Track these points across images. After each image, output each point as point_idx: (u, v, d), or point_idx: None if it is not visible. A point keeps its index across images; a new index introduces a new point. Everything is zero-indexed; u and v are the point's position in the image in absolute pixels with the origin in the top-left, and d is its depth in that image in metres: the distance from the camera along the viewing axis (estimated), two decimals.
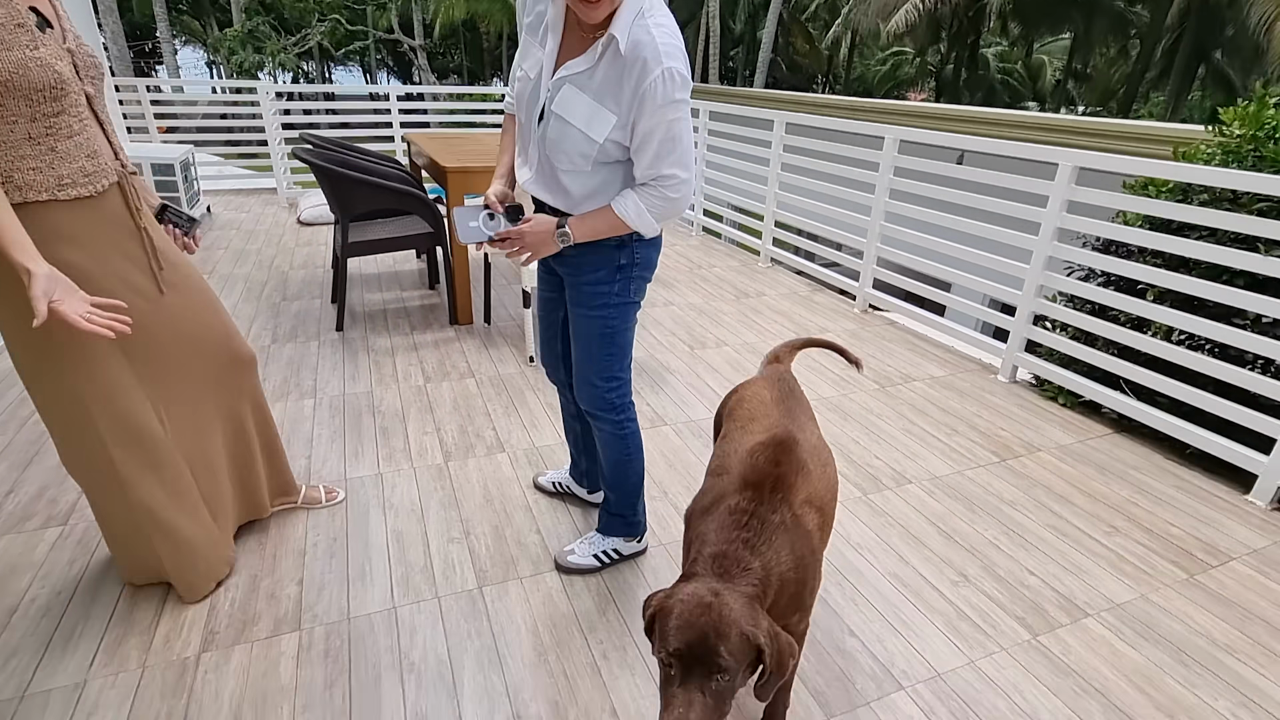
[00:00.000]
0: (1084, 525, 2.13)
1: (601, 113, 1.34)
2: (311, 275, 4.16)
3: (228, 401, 1.72)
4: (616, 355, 1.63)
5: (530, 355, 3.07)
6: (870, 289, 3.91)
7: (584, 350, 1.64)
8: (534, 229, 1.43)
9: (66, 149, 1.31)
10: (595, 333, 1.60)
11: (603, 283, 1.55)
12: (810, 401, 1.54)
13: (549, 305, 1.76)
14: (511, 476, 2.23)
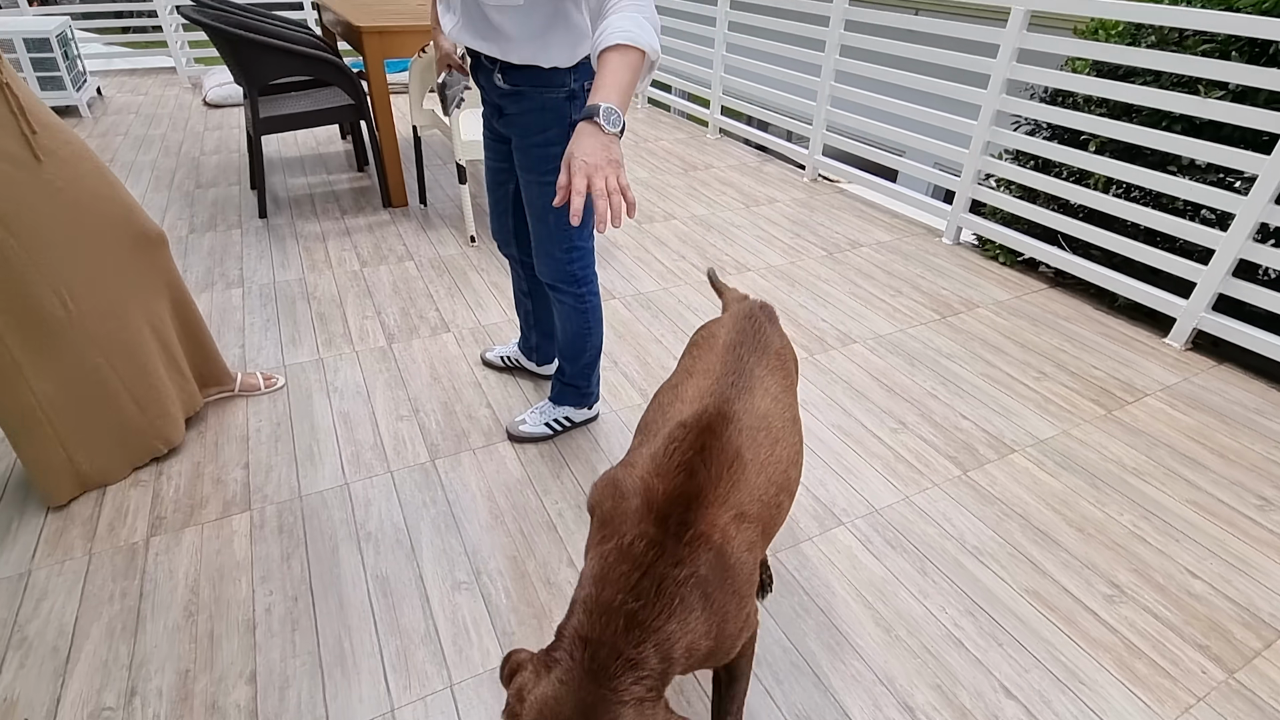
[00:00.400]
0: (1015, 372, 2.23)
1: None
2: (226, 160, 3.82)
3: (139, 284, 1.60)
4: (576, 225, 1.52)
5: (471, 235, 2.94)
6: (820, 156, 3.82)
7: (540, 221, 1.52)
8: (581, 149, 0.96)
9: None
10: (550, 201, 1.46)
11: (554, 143, 1.39)
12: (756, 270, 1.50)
13: (498, 175, 1.63)
14: (458, 354, 2.19)
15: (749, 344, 1.07)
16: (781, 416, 1.00)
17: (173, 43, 5.53)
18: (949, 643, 1.36)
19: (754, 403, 0.97)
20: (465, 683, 1.25)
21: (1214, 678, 1.31)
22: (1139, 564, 1.55)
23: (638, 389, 2.07)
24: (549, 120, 1.37)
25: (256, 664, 1.27)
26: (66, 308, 1.46)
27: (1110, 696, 1.27)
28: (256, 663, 1.27)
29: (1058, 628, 1.40)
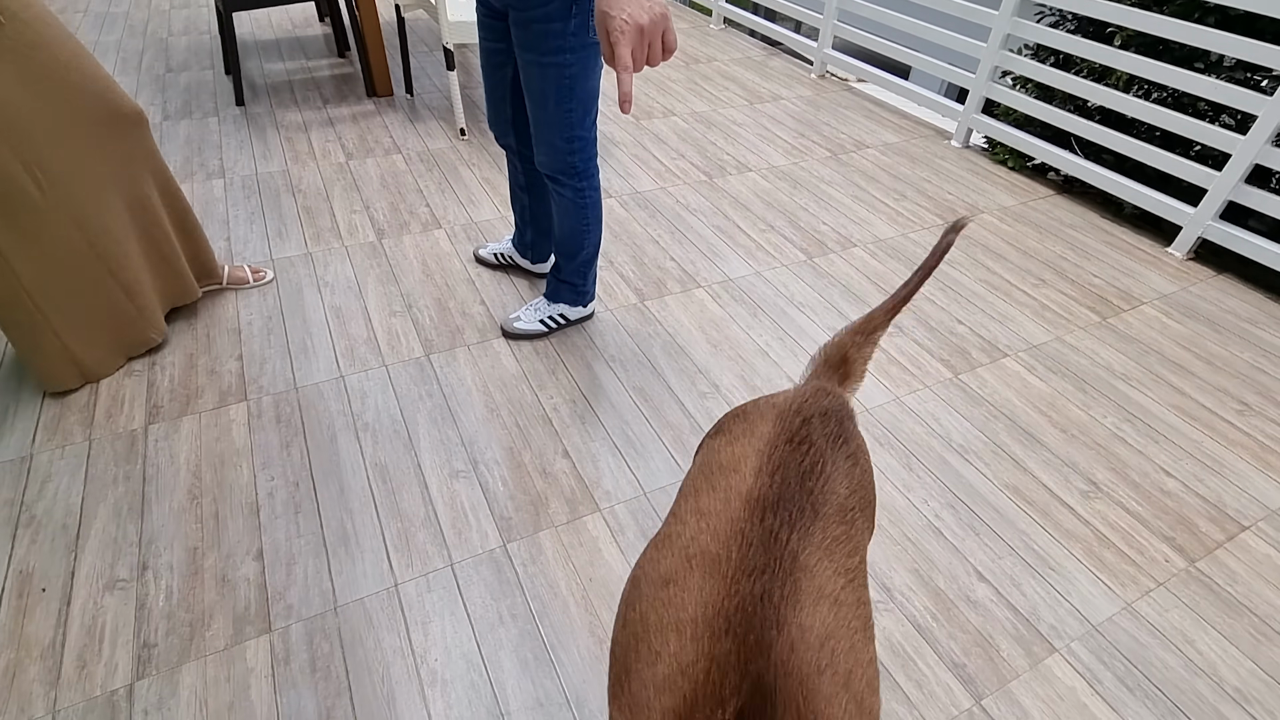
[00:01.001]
0: (1014, 279, 2.21)
1: None
2: (196, 42, 3.59)
3: (119, 166, 1.53)
4: (578, 111, 1.41)
5: (461, 128, 2.81)
6: (830, 50, 3.61)
7: (540, 107, 1.42)
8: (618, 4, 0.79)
9: None
10: (552, 85, 1.36)
11: (556, 19, 1.27)
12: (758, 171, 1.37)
13: (494, 57, 1.51)
14: (450, 251, 2.15)
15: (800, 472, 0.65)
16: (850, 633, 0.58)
17: None
18: (929, 532, 1.42)
19: (803, 619, 0.55)
20: (465, 562, 1.30)
21: (1176, 565, 1.39)
22: (1117, 463, 1.60)
23: (633, 289, 2.05)
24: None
25: (262, 543, 1.31)
26: (41, 188, 1.39)
27: (1077, 580, 1.34)
28: (262, 542, 1.31)
29: (1033, 519, 1.46)
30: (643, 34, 0.78)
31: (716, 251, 2.23)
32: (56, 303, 1.50)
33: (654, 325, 1.92)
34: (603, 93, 3.29)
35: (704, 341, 1.87)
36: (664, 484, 1.48)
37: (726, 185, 2.61)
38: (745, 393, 1.72)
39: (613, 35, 0.78)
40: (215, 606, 1.21)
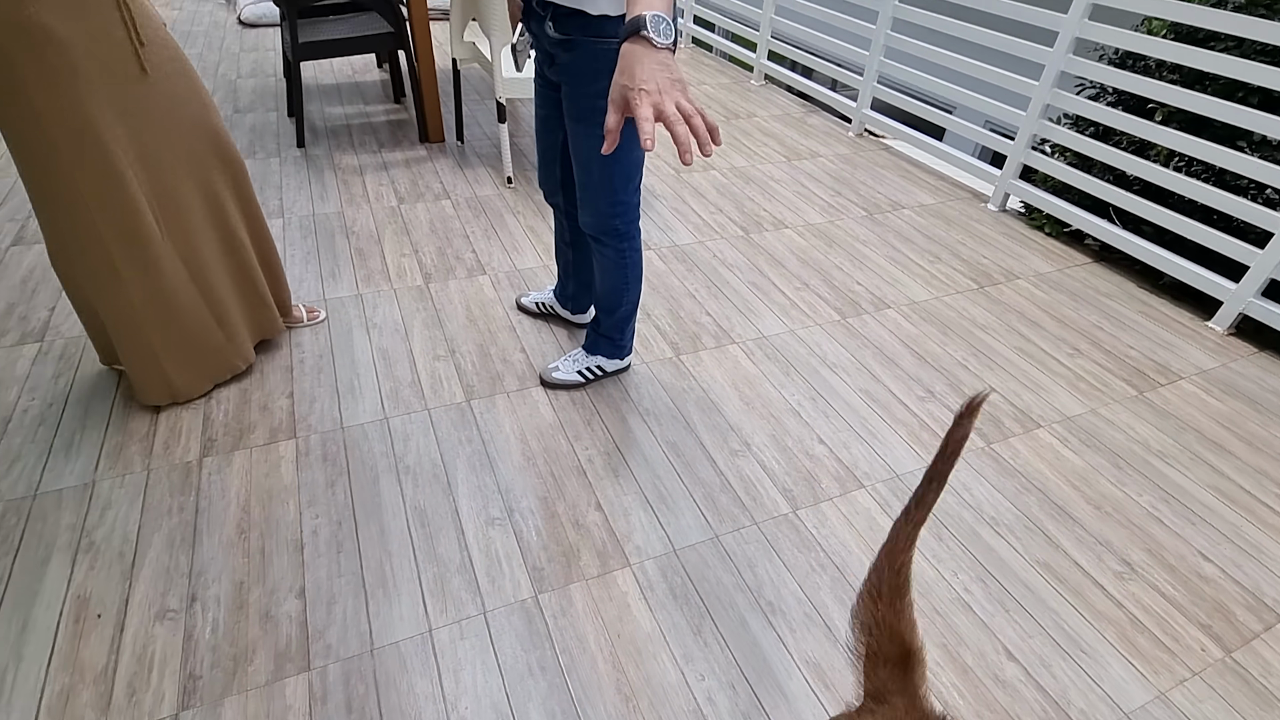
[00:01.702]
0: (1049, 347, 2.21)
1: None
2: (263, 85, 3.80)
3: (224, 207, 1.66)
4: (621, 177, 1.50)
5: (508, 177, 2.93)
6: (868, 110, 3.69)
7: (586, 172, 1.51)
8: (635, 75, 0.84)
9: None
10: (597, 153, 1.44)
11: (604, 95, 1.32)
12: (794, 228, 1.41)
13: (548, 123, 1.61)
14: (494, 298, 2.23)
15: None
16: None
17: None
18: (957, 605, 1.41)
19: None
20: (497, 610, 1.34)
21: (1212, 655, 1.36)
22: (1153, 544, 1.58)
23: (669, 342, 2.10)
24: (600, 70, 1.34)
25: (305, 581, 1.36)
26: (159, 221, 1.52)
27: (1109, 665, 1.33)
28: (305, 579, 1.36)
29: (1065, 599, 1.44)
30: (662, 95, 0.82)
31: (751, 308, 2.28)
32: (160, 327, 1.61)
33: (688, 380, 1.96)
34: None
35: (737, 398, 1.91)
36: (693, 541, 1.50)
37: (763, 241, 2.67)
38: (776, 452, 1.74)
39: (631, 98, 0.83)
40: (258, 642, 1.26)
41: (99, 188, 1.40)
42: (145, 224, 1.48)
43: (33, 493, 1.50)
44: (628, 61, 0.84)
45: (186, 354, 1.68)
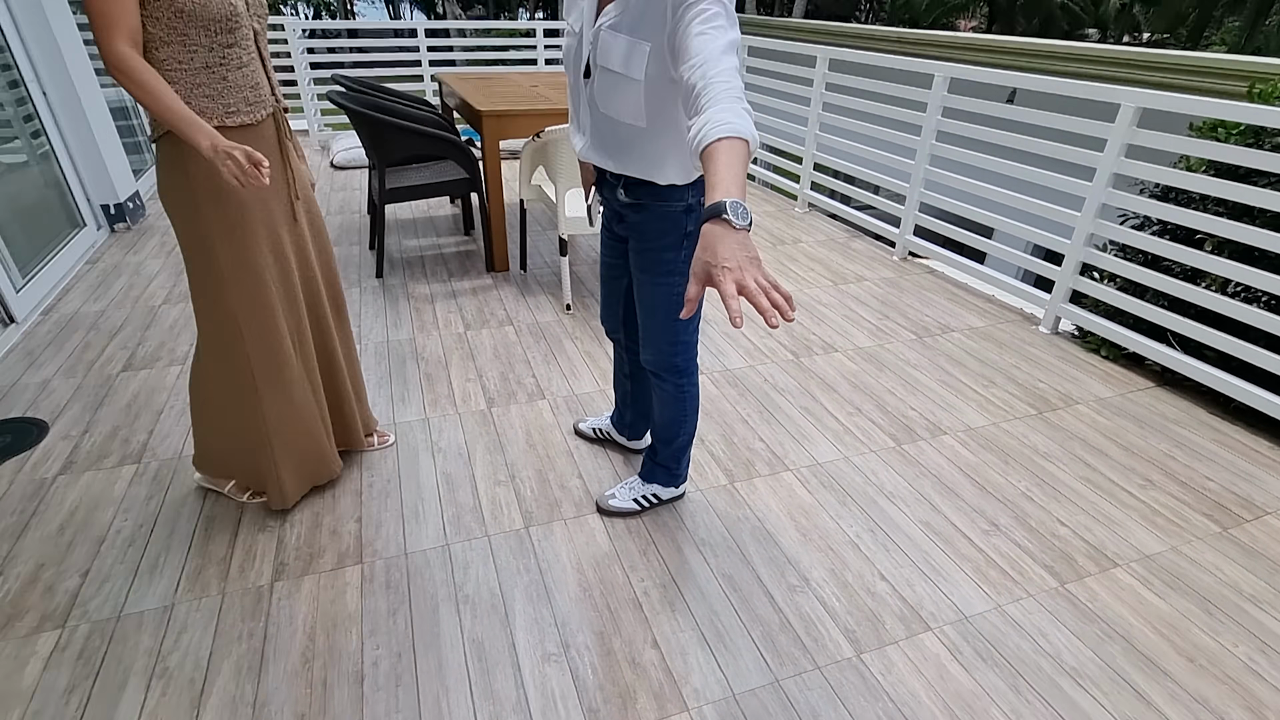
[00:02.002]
0: (1118, 478, 2.14)
1: (637, 46, 1.25)
2: (348, 221, 4.21)
3: (326, 332, 1.86)
4: (682, 320, 1.59)
5: (567, 304, 3.11)
6: (911, 236, 3.82)
7: (650, 316, 1.62)
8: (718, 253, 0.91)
9: (235, 79, 1.42)
10: (662, 300, 1.56)
11: (669, 249, 1.48)
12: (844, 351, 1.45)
13: (613, 270, 1.75)
14: (553, 423, 2.31)
15: None
16: None
17: (308, 110, 6.17)
18: None
19: None
20: None
21: None
22: (1254, 702, 1.45)
23: (723, 469, 2.12)
24: (666, 229, 1.48)
25: (364, 716, 1.36)
26: (296, 348, 1.72)
27: None
28: (364, 714, 1.37)
29: None
30: (743, 271, 0.89)
31: (804, 434, 2.30)
32: (283, 439, 1.77)
33: (743, 508, 1.96)
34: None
35: (793, 529, 1.89)
36: (753, 686, 1.45)
37: (813, 365, 2.72)
38: (836, 588, 1.70)
39: (714, 275, 0.90)
40: None
41: (255, 318, 1.61)
42: (286, 349, 1.68)
43: (117, 614, 1.57)
44: (710, 240, 0.92)
45: (298, 460, 1.83)
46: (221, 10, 1.36)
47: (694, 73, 1.08)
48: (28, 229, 3.09)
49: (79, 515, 1.86)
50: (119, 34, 1.27)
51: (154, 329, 2.83)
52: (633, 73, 1.27)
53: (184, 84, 1.38)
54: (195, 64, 1.38)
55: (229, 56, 1.41)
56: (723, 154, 0.98)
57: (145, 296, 3.11)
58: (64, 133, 3.54)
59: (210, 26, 1.36)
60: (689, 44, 1.11)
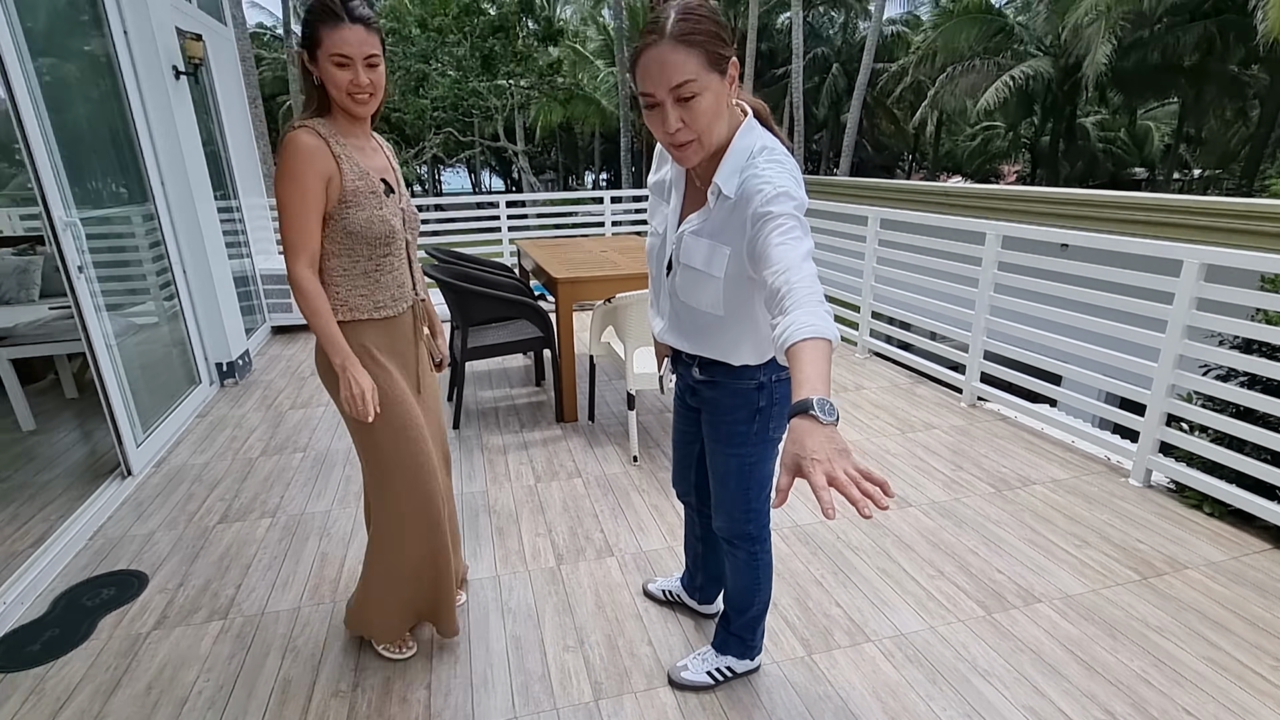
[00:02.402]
0: (1246, 658, 1.92)
1: (719, 250, 1.36)
2: None
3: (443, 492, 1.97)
4: (755, 489, 1.62)
5: (634, 455, 3.17)
6: (977, 382, 3.79)
7: (722, 485, 1.64)
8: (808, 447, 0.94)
9: (386, 281, 1.69)
10: (734, 469, 1.60)
11: (742, 423, 1.54)
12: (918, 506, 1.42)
13: (685, 437, 1.81)
14: (621, 582, 2.29)
15: None
16: None
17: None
18: None
19: None
20: None
21: None
22: None
23: (799, 638, 2.02)
24: (738, 404, 1.54)
25: None
26: (442, 511, 1.86)
27: None
28: None
29: None
30: (832, 464, 0.90)
31: (884, 599, 2.19)
32: (410, 582, 1.87)
33: (824, 685, 1.84)
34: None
35: (880, 711, 1.75)
36: None
37: (887, 521, 2.63)
38: None
39: (804, 467, 0.92)
40: None
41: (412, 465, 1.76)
42: (435, 507, 1.82)
43: None
44: (798, 434, 0.95)
45: (410, 600, 1.90)
46: (382, 230, 1.63)
47: (777, 278, 1.16)
48: (152, 385, 3.44)
49: (166, 674, 1.91)
50: (302, 258, 1.56)
51: (250, 481, 3.03)
52: (714, 271, 1.38)
53: (345, 286, 1.64)
54: (356, 271, 1.64)
55: (383, 264, 1.67)
56: (808, 353, 1.04)
57: (244, 449, 3.35)
58: (193, 296, 4.02)
59: (372, 242, 1.62)
60: (770, 253, 1.19)
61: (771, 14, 23.10)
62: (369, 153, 1.65)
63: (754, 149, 1.32)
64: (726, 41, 1.27)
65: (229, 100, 5.10)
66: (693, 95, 1.23)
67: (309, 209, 1.53)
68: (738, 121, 1.35)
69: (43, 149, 2.63)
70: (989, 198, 6.02)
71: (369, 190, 1.60)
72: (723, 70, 1.25)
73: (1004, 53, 17.36)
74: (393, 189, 1.68)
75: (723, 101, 1.28)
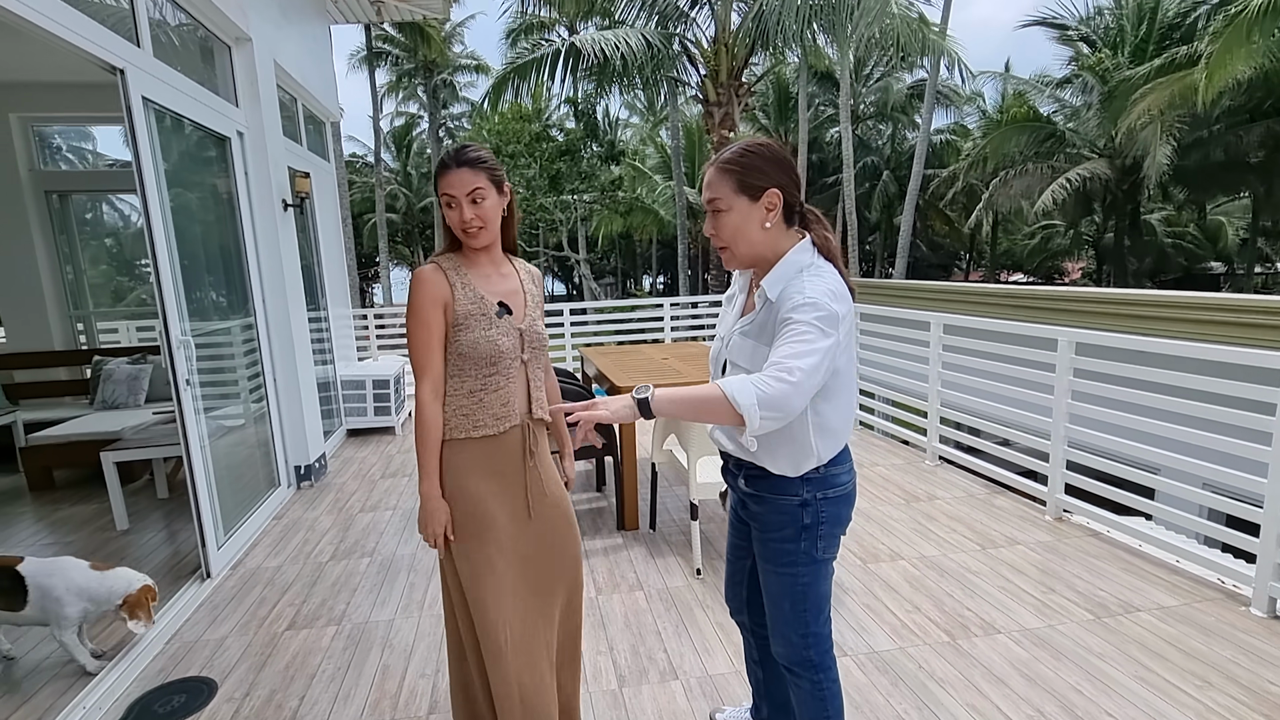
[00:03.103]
0: None
1: (759, 349, 1.45)
2: None
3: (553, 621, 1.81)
4: (812, 611, 1.57)
5: (698, 568, 3.08)
6: (1062, 494, 3.57)
7: (776, 607, 1.61)
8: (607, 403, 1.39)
9: (489, 400, 1.67)
10: (787, 590, 1.57)
11: (789, 540, 1.54)
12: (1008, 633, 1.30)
13: (738, 550, 1.79)
14: (687, 709, 2.16)
15: None
16: None
17: None
18: None
19: None
20: None
21: None
22: None
23: None
24: (785, 522, 1.54)
25: None
26: (507, 639, 1.67)
27: None
28: None
29: None
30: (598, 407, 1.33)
31: None
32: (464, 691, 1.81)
33: None
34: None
35: None
36: None
37: (974, 650, 2.43)
38: None
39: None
40: None
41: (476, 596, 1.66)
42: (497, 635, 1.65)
43: None
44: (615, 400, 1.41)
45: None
46: (488, 350, 1.65)
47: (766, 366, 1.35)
48: (236, 487, 3.62)
49: None
50: (424, 381, 1.65)
51: (319, 585, 3.08)
52: (754, 368, 1.42)
53: (451, 406, 1.67)
54: (463, 391, 1.67)
55: (488, 383, 1.68)
56: (701, 387, 1.35)
57: (315, 553, 3.43)
58: (280, 400, 4.28)
59: (478, 362, 1.65)
60: (775, 348, 1.37)
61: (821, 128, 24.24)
62: (496, 278, 1.73)
63: (803, 264, 1.46)
64: (768, 174, 1.45)
65: (325, 223, 5.64)
66: (720, 210, 1.47)
67: (430, 335, 1.65)
68: (793, 242, 1.49)
69: (168, 272, 2.95)
70: (1057, 299, 5.89)
71: (480, 313, 1.66)
72: (754, 196, 1.45)
73: (1056, 156, 17.52)
74: (511, 311, 1.72)
75: (752, 221, 1.46)
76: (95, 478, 4.65)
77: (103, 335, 6.17)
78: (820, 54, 13.63)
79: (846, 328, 1.40)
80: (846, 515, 1.57)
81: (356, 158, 29.41)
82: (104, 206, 6.67)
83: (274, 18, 4.45)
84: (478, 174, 1.63)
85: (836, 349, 1.36)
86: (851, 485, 1.57)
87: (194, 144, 3.54)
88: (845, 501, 1.56)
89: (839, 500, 1.54)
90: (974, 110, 23.30)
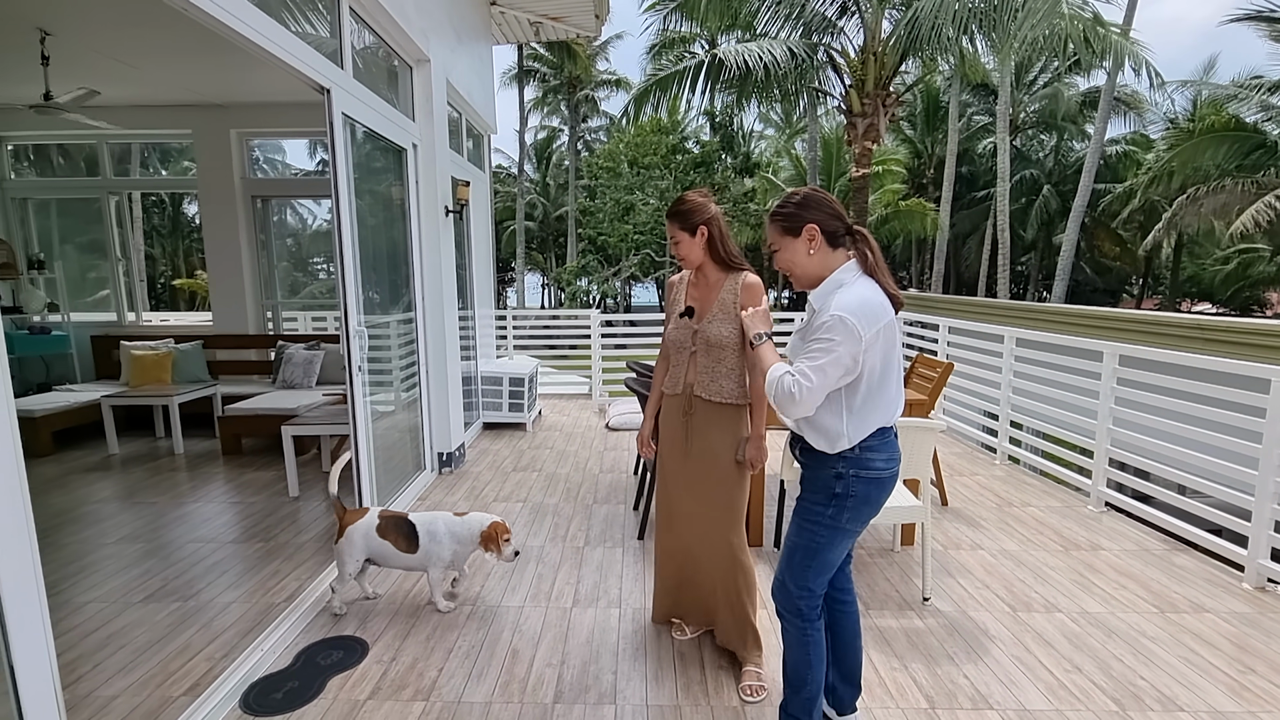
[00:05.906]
0: None
1: (802, 347, 1.78)
2: (617, 480, 4.66)
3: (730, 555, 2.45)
4: (815, 570, 1.86)
5: None
6: (1267, 560, 3.06)
7: (789, 557, 1.90)
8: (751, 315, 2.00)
9: (674, 373, 2.46)
10: (803, 542, 1.86)
11: (819, 504, 1.83)
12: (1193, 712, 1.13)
13: None
14: None
15: None
16: None
17: (595, 380, 7.33)
18: None
19: None
20: None
21: None
22: None
23: None
24: (819, 487, 1.84)
25: None
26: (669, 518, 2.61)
27: None
28: None
29: None
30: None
31: None
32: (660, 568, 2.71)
33: None
34: (945, 570, 3.21)
35: None
36: None
37: None
38: None
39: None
40: None
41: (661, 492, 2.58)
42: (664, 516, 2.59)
43: None
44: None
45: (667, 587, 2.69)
46: (674, 338, 2.44)
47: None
48: (388, 466, 3.95)
49: None
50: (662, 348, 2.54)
51: None
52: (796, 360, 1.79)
53: (660, 370, 2.54)
54: (670, 363, 2.50)
55: (676, 359, 2.46)
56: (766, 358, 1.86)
57: None
58: (430, 391, 4.63)
59: (670, 345, 2.47)
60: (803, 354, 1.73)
61: (973, 139, 22.70)
62: (704, 288, 2.39)
63: (842, 281, 1.77)
64: (803, 215, 1.79)
65: (477, 229, 6.05)
66: (776, 250, 1.86)
67: (668, 319, 2.49)
68: (840, 261, 1.81)
69: (352, 269, 3.28)
70: (1263, 333, 5.07)
71: (675, 313, 2.43)
72: (795, 233, 1.81)
73: (1264, 170, 15.21)
74: (693, 312, 2.37)
75: (799, 252, 1.81)
76: (272, 448, 5.27)
77: (285, 324, 7.00)
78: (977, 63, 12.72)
79: (874, 333, 1.66)
80: (877, 497, 1.81)
81: (501, 169, 31.37)
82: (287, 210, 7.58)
83: (449, 41, 4.85)
84: (672, 223, 2.36)
85: (857, 351, 1.65)
86: (890, 474, 1.80)
87: (378, 155, 3.93)
88: (878, 485, 1.80)
89: (871, 482, 1.78)
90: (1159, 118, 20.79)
